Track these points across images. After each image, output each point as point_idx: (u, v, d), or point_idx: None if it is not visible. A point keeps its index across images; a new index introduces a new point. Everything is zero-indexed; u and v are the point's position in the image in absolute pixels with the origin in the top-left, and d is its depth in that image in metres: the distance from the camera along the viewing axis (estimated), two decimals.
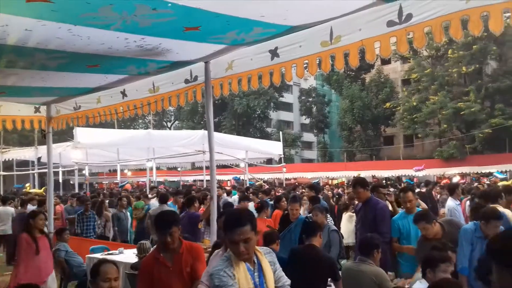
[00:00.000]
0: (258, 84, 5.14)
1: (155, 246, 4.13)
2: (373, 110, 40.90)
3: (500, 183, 15.77)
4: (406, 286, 4.44)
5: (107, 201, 11.13)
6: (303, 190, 13.10)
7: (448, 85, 35.36)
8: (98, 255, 6.84)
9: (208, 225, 6.31)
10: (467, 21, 3.35)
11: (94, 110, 7.12)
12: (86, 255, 7.19)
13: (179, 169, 28.06)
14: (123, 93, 6.51)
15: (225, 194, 11.58)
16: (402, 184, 20.25)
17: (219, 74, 5.41)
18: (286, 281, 2.88)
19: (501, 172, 26.42)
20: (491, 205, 5.73)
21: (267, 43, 4.76)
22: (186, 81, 5.79)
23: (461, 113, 32.86)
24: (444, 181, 22.23)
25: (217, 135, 12.67)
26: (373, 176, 32.62)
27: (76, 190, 17.63)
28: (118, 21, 3.58)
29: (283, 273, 2.90)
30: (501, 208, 6.06)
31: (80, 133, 12.70)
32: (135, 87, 6.31)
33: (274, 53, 4.75)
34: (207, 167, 8.83)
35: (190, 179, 33.22)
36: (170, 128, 52.47)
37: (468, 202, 9.02)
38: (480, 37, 31.02)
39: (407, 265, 5.10)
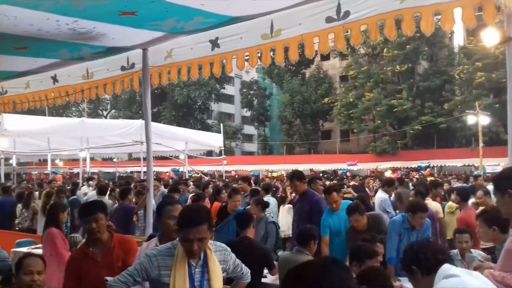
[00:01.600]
0: (198, 74, 5.06)
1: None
2: (312, 104, 41.85)
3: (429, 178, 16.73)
4: None
5: (36, 192, 10.53)
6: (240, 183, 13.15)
7: (383, 83, 36.90)
8: (25, 249, 6.45)
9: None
10: (401, 21, 3.48)
11: (22, 96, 6.70)
12: (12, 249, 6.76)
13: (115, 160, 27.17)
14: (54, 79, 6.16)
15: (162, 187, 11.30)
16: (347, 177, 20.89)
17: (157, 62, 5.26)
18: (243, 270, 2.93)
19: (425, 162, 28.13)
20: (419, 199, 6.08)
21: (208, 33, 4.68)
22: (123, 68, 5.58)
23: (394, 110, 34.43)
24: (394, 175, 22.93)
25: (155, 126, 12.36)
26: (311, 169, 33.45)
27: (2, 180, 16.54)
28: (48, 1, 3.35)
29: (241, 266, 2.91)
30: (428, 201, 6.45)
31: (7, 120, 11.84)
32: (67, 72, 6.00)
33: (214, 43, 4.69)
34: (144, 158, 8.57)
35: (126, 170, 32.32)
36: (106, 117, 50.59)
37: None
38: (413, 38, 32.67)
39: (334, 255, 5.23)
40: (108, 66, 5.66)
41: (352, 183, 14.33)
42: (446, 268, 2.24)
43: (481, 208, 6.05)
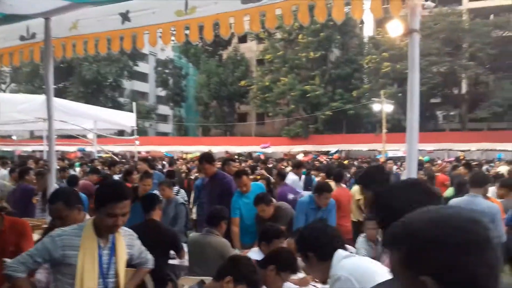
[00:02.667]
0: (107, 49, 4.75)
1: None
2: (229, 87, 41.86)
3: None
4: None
5: None
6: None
7: (298, 68, 37.88)
8: None
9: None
10: (314, 7, 3.54)
11: None
12: None
13: (14, 137, 25.07)
14: None
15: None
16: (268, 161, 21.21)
17: (61, 34, 4.84)
18: (147, 256, 2.95)
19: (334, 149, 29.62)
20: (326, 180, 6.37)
21: (118, 5, 4.38)
22: (22, 38, 5.07)
23: (307, 95, 35.61)
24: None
25: (60, 102, 11.53)
26: (226, 152, 33.61)
27: None
28: None
29: (145, 252, 2.93)
30: (333, 183, 6.78)
31: None
32: None
33: (125, 16, 4.41)
34: (47, 137, 7.98)
35: (28, 149, 30.00)
36: (5, 91, 46.33)
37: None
38: (326, 26, 33.88)
39: (246, 237, 5.33)
40: (5, 35, 5.11)
41: (270, 165, 14.66)
42: (341, 252, 2.35)
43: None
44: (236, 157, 27.22)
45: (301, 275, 3.61)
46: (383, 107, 27.49)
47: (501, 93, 33.23)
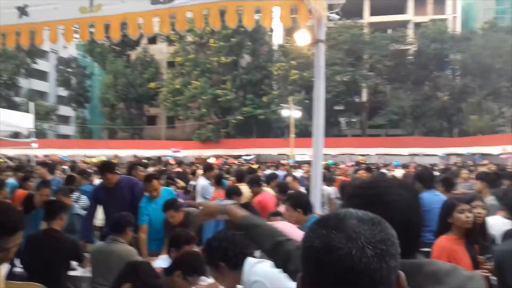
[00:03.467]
0: (1, 44, 4.37)
1: None
2: (138, 88, 40.52)
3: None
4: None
5: None
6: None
7: (209, 72, 37.85)
8: None
9: None
10: (225, 13, 3.56)
11: None
12: None
13: None
14: None
15: None
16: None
17: None
18: None
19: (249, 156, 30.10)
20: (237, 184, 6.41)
21: None
22: None
23: (219, 99, 35.72)
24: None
25: None
26: (134, 156, 32.52)
27: None
28: None
29: None
30: (243, 186, 6.86)
31: None
32: None
33: (22, 11, 4.09)
34: None
35: None
36: None
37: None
38: (238, 32, 34.33)
39: (153, 244, 5.18)
40: None
41: (176, 169, 14.40)
42: (251, 259, 2.40)
43: (289, 192, 6.71)
44: (144, 161, 26.46)
45: (210, 280, 3.59)
46: (291, 113, 28.47)
47: (397, 102, 36.15)
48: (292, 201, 4.01)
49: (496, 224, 3.80)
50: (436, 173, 9.72)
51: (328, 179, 8.24)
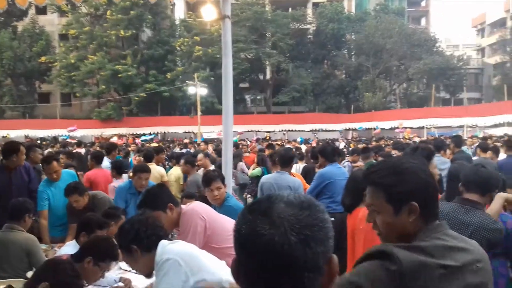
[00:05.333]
0: None
1: None
2: (27, 63, 36.90)
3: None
4: (55, 249, 4.24)
5: None
6: None
7: (107, 47, 35.78)
8: None
9: None
10: None
11: None
12: None
13: None
14: None
15: None
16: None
17: None
18: None
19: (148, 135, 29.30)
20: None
21: None
22: None
23: (119, 75, 33.97)
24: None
25: None
26: (26, 136, 30.06)
27: None
28: None
29: None
30: (153, 165, 6.66)
31: None
32: None
33: None
34: None
35: None
36: None
37: None
38: (137, 4, 32.85)
39: (55, 230, 4.86)
40: None
41: (76, 150, 13.52)
42: (165, 241, 2.37)
43: (202, 169, 6.67)
44: (38, 142, 24.53)
45: (122, 265, 3.46)
46: (197, 90, 28.15)
47: (298, 80, 37.43)
48: (204, 182, 3.98)
49: None
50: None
51: (235, 156, 8.30)
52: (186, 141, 19.91)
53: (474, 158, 7.39)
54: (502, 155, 7.80)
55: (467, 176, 2.76)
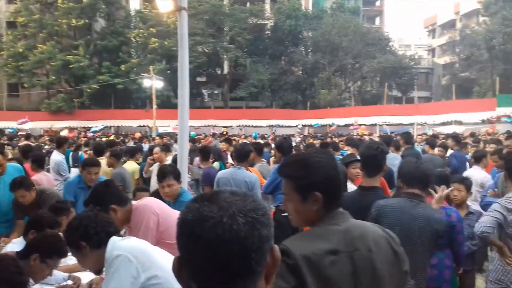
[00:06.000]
0: None
1: None
2: None
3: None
4: (1, 244, 4.03)
5: None
6: None
7: (58, 36, 34.43)
8: None
9: None
10: None
11: None
12: None
13: None
14: None
15: None
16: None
17: None
18: None
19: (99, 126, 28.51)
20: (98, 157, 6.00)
21: None
22: None
23: (70, 66, 32.74)
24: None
25: None
26: None
27: None
28: None
29: None
30: (103, 160, 6.48)
31: None
32: None
33: None
34: None
35: None
36: None
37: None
38: None
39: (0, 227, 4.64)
40: None
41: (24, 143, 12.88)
42: (115, 237, 2.32)
43: (157, 164, 6.56)
44: None
45: (71, 262, 3.34)
46: (153, 83, 27.61)
47: (256, 75, 37.52)
48: (159, 177, 3.90)
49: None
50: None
51: (192, 151, 8.21)
52: (138, 135, 19.37)
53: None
54: (451, 151, 8.19)
55: (409, 173, 2.88)
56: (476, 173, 5.79)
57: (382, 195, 3.07)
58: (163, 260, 2.29)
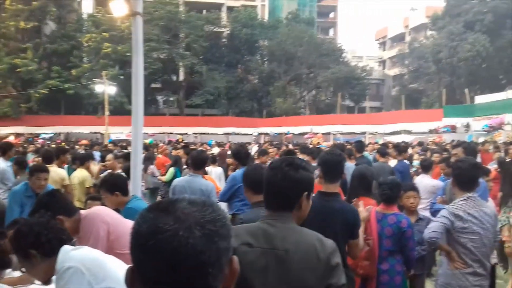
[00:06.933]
0: None
1: None
2: None
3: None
4: None
5: None
6: None
7: (5, 38, 33.07)
8: None
9: None
10: None
11: None
12: None
13: None
14: None
15: None
16: None
17: None
18: None
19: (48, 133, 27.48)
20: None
21: None
22: None
23: (18, 70, 31.44)
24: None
25: None
26: None
27: None
28: None
29: None
30: (53, 168, 6.22)
31: None
32: None
33: None
34: None
35: None
36: None
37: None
38: None
39: None
40: None
41: None
42: (68, 246, 2.21)
43: (108, 171, 6.37)
44: None
45: (16, 273, 3.15)
46: (105, 88, 26.91)
47: (212, 82, 37.42)
48: (107, 186, 3.73)
49: None
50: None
51: (146, 158, 8.05)
52: (84, 142, 18.55)
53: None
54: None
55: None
56: (424, 181, 6.01)
57: (342, 201, 3.13)
58: (118, 270, 2.20)
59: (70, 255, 2.14)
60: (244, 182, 3.09)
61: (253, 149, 17.87)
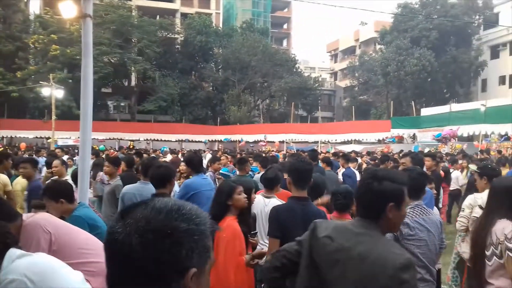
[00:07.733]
0: None
1: None
2: None
3: None
4: None
5: None
6: None
7: None
8: None
9: None
10: None
11: None
12: None
13: None
14: None
15: None
16: None
17: None
18: None
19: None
20: None
21: None
22: None
23: None
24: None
25: None
26: None
27: None
28: None
29: None
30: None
31: None
32: None
33: None
34: None
35: None
36: None
37: None
38: None
39: None
40: None
41: None
42: (14, 251, 2.03)
43: (54, 178, 6.08)
44: None
45: None
46: (52, 92, 25.86)
47: (165, 89, 36.88)
48: (50, 193, 3.54)
49: (258, 202, 4.23)
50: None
51: (96, 165, 7.76)
52: (23, 145, 17.69)
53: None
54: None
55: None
56: None
57: (314, 204, 3.32)
58: (71, 278, 2.04)
59: (15, 265, 1.96)
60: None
61: (207, 157, 17.71)
